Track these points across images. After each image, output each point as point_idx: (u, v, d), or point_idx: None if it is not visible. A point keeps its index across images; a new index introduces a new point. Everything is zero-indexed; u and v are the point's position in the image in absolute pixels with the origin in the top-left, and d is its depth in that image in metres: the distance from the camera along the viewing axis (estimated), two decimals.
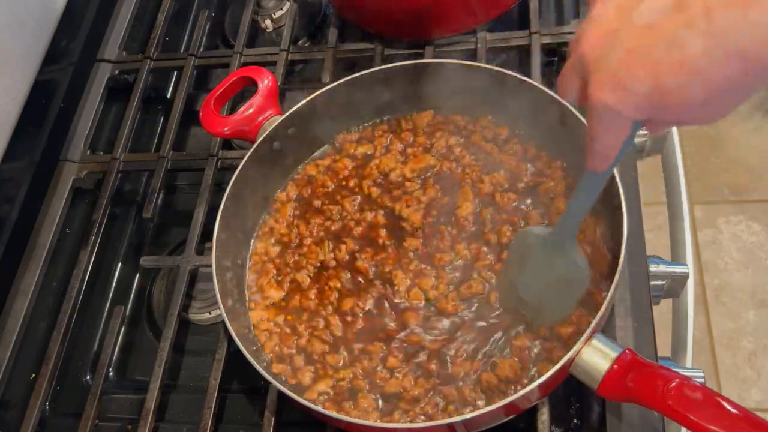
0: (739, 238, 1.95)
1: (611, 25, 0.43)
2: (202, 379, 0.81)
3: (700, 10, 0.39)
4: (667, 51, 0.40)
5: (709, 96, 0.41)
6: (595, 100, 0.44)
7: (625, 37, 0.42)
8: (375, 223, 0.80)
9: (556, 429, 0.70)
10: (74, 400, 0.83)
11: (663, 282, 0.79)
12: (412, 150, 0.84)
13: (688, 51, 0.39)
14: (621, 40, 0.42)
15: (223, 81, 0.86)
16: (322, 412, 0.64)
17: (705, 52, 0.39)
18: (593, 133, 0.47)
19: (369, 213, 0.81)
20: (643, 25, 0.41)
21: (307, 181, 0.86)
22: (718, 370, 1.77)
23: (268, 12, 1.09)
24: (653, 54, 0.41)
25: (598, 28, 0.44)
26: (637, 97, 0.42)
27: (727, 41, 0.38)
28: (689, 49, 0.39)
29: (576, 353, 0.62)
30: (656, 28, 0.41)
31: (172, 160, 0.95)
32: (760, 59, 0.39)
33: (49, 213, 0.94)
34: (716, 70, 0.39)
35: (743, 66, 0.39)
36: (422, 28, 0.94)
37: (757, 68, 0.39)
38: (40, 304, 0.90)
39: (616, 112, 0.44)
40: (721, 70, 0.39)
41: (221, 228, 0.76)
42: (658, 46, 0.41)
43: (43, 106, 0.98)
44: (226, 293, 0.73)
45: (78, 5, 1.05)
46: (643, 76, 0.42)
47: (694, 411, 0.55)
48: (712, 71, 0.39)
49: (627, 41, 0.42)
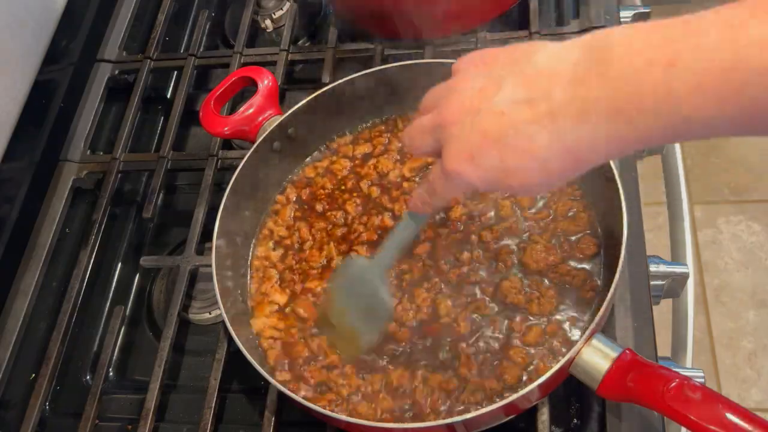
0: (739, 238, 1.95)
1: (473, 104, 0.50)
2: (202, 379, 0.81)
3: (546, 111, 0.45)
4: (514, 139, 0.47)
5: (544, 180, 0.49)
6: (450, 167, 0.51)
7: (483, 118, 0.48)
8: (383, 226, 0.79)
9: (556, 429, 0.70)
10: (74, 400, 0.83)
11: (663, 282, 0.79)
12: None
13: (532, 142, 0.46)
14: (479, 120, 0.49)
15: (223, 81, 0.86)
16: (322, 412, 0.64)
17: (547, 147, 0.46)
18: (436, 189, 0.55)
19: (375, 217, 0.80)
20: (500, 111, 0.48)
21: (306, 183, 0.86)
22: (718, 370, 1.77)
23: (268, 12, 1.09)
24: (503, 140, 0.48)
25: (460, 103, 0.51)
26: (486, 172, 0.50)
27: (564, 140, 0.45)
28: (534, 142, 0.46)
29: (576, 353, 0.62)
30: (509, 117, 0.47)
31: (172, 160, 0.95)
32: (588, 160, 0.47)
33: (49, 213, 0.94)
34: (554, 162, 0.47)
35: (575, 163, 0.47)
36: (422, 28, 0.94)
37: (584, 163, 0.48)
38: (40, 304, 0.90)
39: (465, 179, 0.51)
40: (558, 162, 0.47)
41: (221, 228, 0.76)
42: (508, 133, 0.47)
43: (43, 106, 0.98)
44: (226, 293, 0.73)
45: (78, 5, 1.05)
46: (493, 156, 0.48)
47: (694, 411, 0.55)
48: (550, 162, 0.47)
49: (484, 122, 0.48)
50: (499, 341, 0.70)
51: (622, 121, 0.43)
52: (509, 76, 0.48)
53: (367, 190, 0.83)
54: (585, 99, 0.44)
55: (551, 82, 0.46)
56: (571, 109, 0.45)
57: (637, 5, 1.00)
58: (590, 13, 0.93)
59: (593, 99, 0.43)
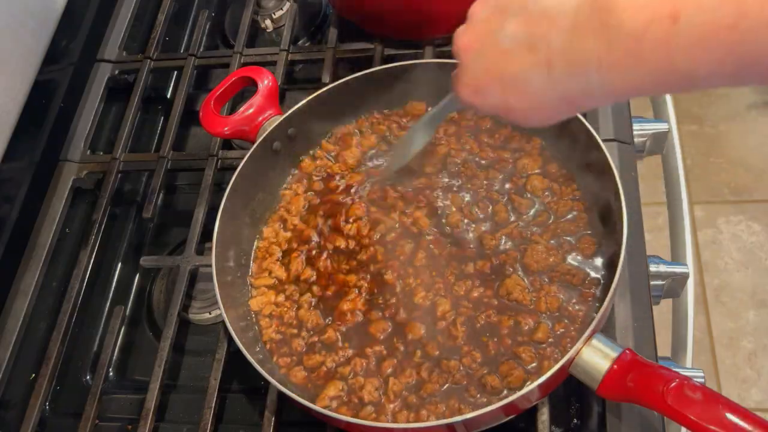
0: (739, 238, 1.95)
1: (479, 38, 0.53)
2: (202, 379, 0.81)
3: (545, 58, 0.48)
4: (514, 81, 0.50)
5: (543, 118, 0.53)
6: (460, 93, 0.56)
7: (486, 55, 0.52)
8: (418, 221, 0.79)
9: (556, 429, 0.70)
10: (74, 400, 0.83)
11: (663, 282, 0.79)
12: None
13: (530, 86, 0.50)
14: (483, 56, 0.53)
15: (223, 81, 0.86)
16: (322, 412, 0.64)
17: (542, 92, 0.49)
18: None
19: (406, 217, 0.79)
20: (501, 49, 0.50)
21: (307, 186, 0.86)
22: (718, 370, 1.77)
23: (268, 12, 1.09)
24: (504, 80, 0.51)
25: (470, 35, 0.55)
26: (489, 103, 0.54)
27: (559, 88, 0.49)
28: (531, 85, 0.50)
29: (576, 353, 0.62)
30: (511, 58, 0.50)
31: (172, 160, 0.95)
32: (582, 105, 0.52)
33: (49, 213, 0.94)
34: (548, 105, 0.51)
35: (569, 106, 0.51)
36: (422, 28, 0.94)
37: (579, 107, 0.52)
38: (40, 304, 0.90)
39: (473, 106, 0.56)
40: (552, 105, 0.51)
41: (221, 228, 0.76)
42: (509, 74, 0.50)
43: (43, 106, 0.98)
44: (226, 293, 0.73)
45: (78, 5, 1.05)
46: (495, 92, 0.52)
47: (694, 411, 0.55)
48: (545, 105, 0.51)
49: (487, 59, 0.52)
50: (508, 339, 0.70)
51: (616, 72, 0.44)
52: (514, 14, 0.50)
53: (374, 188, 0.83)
54: (581, 50, 0.45)
55: (551, 26, 0.47)
56: (566, 58, 0.46)
57: None
58: None
59: (589, 50, 0.44)
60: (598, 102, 0.52)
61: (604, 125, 0.84)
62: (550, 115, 0.52)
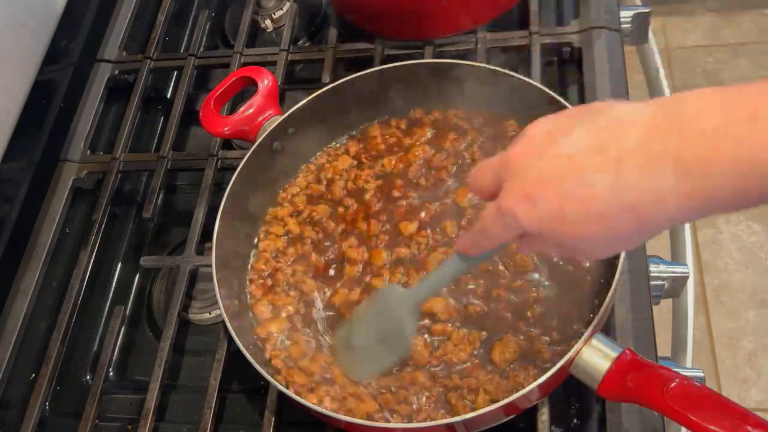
0: (739, 238, 1.95)
1: (539, 144, 0.48)
2: (202, 379, 0.80)
3: (615, 158, 0.43)
4: (576, 186, 0.45)
5: (598, 236, 0.45)
6: (506, 205, 0.49)
7: (546, 160, 0.46)
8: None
9: (556, 429, 0.70)
10: (74, 400, 0.83)
11: (663, 282, 0.79)
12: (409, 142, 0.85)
13: (593, 191, 0.44)
14: (542, 161, 0.47)
15: (223, 81, 0.86)
16: (322, 412, 0.64)
17: (607, 197, 0.43)
18: (487, 228, 0.52)
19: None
20: (565, 154, 0.45)
21: (306, 187, 0.86)
22: (718, 370, 1.76)
23: (268, 12, 1.09)
24: (564, 184, 0.45)
25: (527, 145, 0.49)
26: (540, 215, 0.47)
27: (626, 193, 0.43)
28: (595, 190, 0.44)
29: (576, 353, 0.62)
30: (574, 162, 0.45)
31: (172, 160, 0.95)
32: (646, 219, 0.43)
33: (49, 213, 0.94)
34: (610, 215, 0.44)
35: (634, 221, 0.44)
36: (422, 28, 0.94)
37: (644, 227, 0.44)
38: (40, 304, 0.90)
39: (515, 220, 0.48)
40: (615, 216, 0.44)
41: (221, 228, 0.76)
42: (570, 179, 0.45)
43: (43, 106, 0.98)
44: (226, 293, 0.73)
45: (78, 5, 1.05)
46: (550, 199, 0.46)
47: (694, 411, 0.55)
48: (607, 215, 0.44)
49: (547, 164, 0.46)
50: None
51: (693, 176, 0.40)
52: (581, 124, 0.46)
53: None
54: (658, 150, 0.42)
55: (625, 130, 0.44)
56: (639, 157, 0.42)
57: (637, 5, 1.00)
58: (590, 13, 0.93)
59: (665, 151, 0.41)
60: (670, 215, 0.43)
61: None
62: (610, 229, 0.45)
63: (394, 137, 0.86)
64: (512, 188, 0.48)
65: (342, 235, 0.80)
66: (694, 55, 2.26)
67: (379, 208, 0.81)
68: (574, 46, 0.93)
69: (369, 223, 0.80)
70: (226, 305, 0.72)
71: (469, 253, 0.57)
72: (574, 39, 0.93)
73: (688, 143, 0.40)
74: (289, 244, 0.81)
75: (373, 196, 0.82)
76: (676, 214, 0.43)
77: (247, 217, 0.82)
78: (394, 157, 0.84)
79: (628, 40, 0.98)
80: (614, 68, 0.89)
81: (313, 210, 0.83)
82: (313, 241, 0.81)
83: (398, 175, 0.83)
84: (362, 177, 0.84)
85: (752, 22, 2.28)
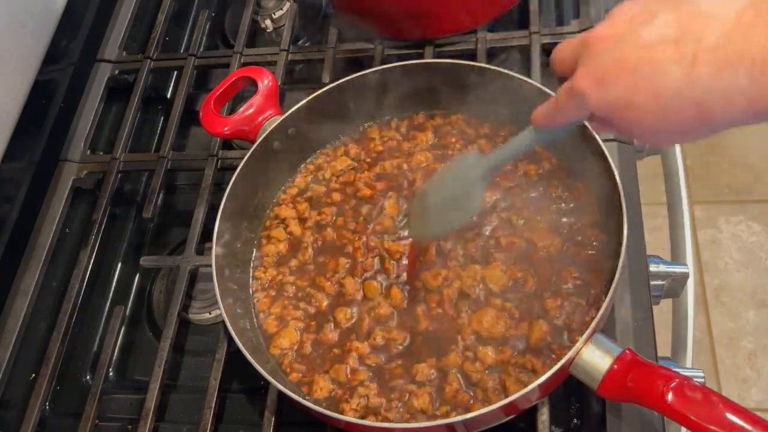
0: (739, 238, 1.95)
1: (619, 29, 0.48)
2: (202, 379, 0.81)
3: (691, 53, 0.43)
4: (648, 74, 0.45)
5: (662, 126, 0.47)
6: (578, 84, 0.50)
7: (624, 45, 0.47)
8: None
9: (556, 429, 0.70)
10: (74, 400, 0.83)
11: (663, 282, 0.79)
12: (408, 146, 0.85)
13: (665, 80, 0.45)
14: (619, 46, 0.47)
15: (223, 81, 0.86)
16: (322, 412, 0.64)
17: (676, 90, 0.44)
18: (560, 103, 0.54)
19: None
20: (643, 42, 0.46)
21: (305, 188, 0.86)
22: (718, 370, 1.77)
23: (268, 12, 1.09)
24: (637, 72, 0.46)
25: (608, 27, 0.50)
26: (609, 99, 0.48)
27: (697, 89, 0.44)
28: (667, 80, 0.45)
29: (576, 353, 0.62)
30: (650, 51, 0.45)
31: (172, 160, 0.95)
32: (711, 117, 0.44)
33: (49, 213, 0.94)
34: (676, 108, 0.45)
35: (698, 117, 0.45)
36: (422, 28, 0.94)
37: (708, 124, 0.45)
38: (40, 304, 0.90)
39: (586, 102, 0.50)
40: (681, 110, 0.45)
41: (221, 227, 0.76)
42: (644, 67, 0.46)
43: (43, 106, 0.98)
44: (226, 293, 0.73)
45: (78, 5, 1.05)
46: (621, 84, 0.47)
47: (694, 411, 0.55)
48: (673, 108, 0.45)
49: (623, 50, 0.47)
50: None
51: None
52: (664, 11, 0.46)
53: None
54: (736, 50, 0.41)
55: (708, 24, 0.43)
56: (717, 55, 0.42)
57: None
58: (590, 13, 0.93)
59: (744, 51, 0.41)
60: (734, 116, 0.43)
61: None
62: (672, 121, 0.46)
63: (394, 141, 0.86)
64: (587, 70, 0.50)
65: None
66: None
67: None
68: None
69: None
70: (227, 305, 0.72)
71: (542, 125, 0.58)
72: None
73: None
74: (291, 249, 0.81)
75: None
76: (742, 116, 0.43)
77: (248, 217, 0.82)
78: (395, 160, 0.84)
79: None
80: None
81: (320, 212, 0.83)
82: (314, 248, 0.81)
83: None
84: (361, 179, 0.84)
85: None
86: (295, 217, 0.83)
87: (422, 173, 0.82)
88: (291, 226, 0.82)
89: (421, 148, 0.84)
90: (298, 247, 0.81)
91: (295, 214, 0.83)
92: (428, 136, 0.85)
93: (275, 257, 0.81)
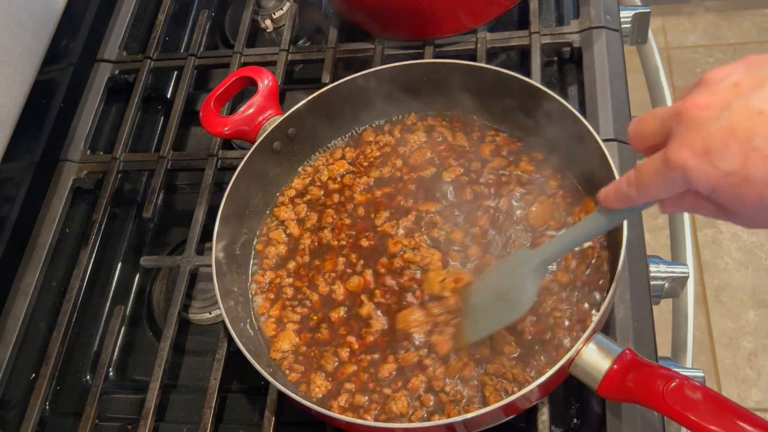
0: (739, 238, 1.95)
1: (723, 96, 0.43)
2: (202, 379, 0.81)
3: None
4: (763, 145, 0.40)
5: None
6: (676, 157, 0.44)
7: (734, 113, 0.42)
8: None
9: (556, 429, 0.70)
10: (74, 400, 0.83)
11: (663, 282, 0.79)
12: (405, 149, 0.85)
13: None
14: (728, 114, 0.42)
15: (223, 81, 0.86)
16: (322, 412, 0.64)
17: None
18: (644, 180, 0.47)
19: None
20: (757, 109, 0.41)
21: (303, 189, 0.85)
22: (718, 370, 1.77)
23: (268, 12, 1.09)
24: (754, 141, 0.41)
25: (711, 94, 0.44)
26: (717, 172, 0.42)
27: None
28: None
29: (576, 353, 0.62)
30: (766, 119, 0.40)
31: (172, 160, 0.95)
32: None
33: (49, 213, 0.94)
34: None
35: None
36: (422, 28, 0.94)
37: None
38: (40, 304, 0.90)
39: (685, 176, 0.44)
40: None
41: (221, 227, 0.76)
42: (761, 136, 0.40)
43: (43, 106, 0.98)
44: (226, 293, 0.73)
45: (78, 5, 1.05)
46: (733, 155, 0.41)
47: (694, 411, 0.55)
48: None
49: (734, 118, 0.42)
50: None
51: None
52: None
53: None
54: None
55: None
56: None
57: (637, 5, 1.00)
58: (590, 13, 0.93)
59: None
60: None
61: (604, 125, 0.84)
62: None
63: (388, 146, 0.86)
64: (687, 141, 0.43)
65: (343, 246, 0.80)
66: (694, 55, 2.26)
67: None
68: (574, 46, 0.93)
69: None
70: (227, 307, 0.72)
71: (613, 207, 0.52)
72: (574, 39, 0.93)
73: None
74: (290, 250, 0.81)
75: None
76: None
77: (248, 217, 0.82)
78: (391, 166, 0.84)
79: (628, 40, 0.98)
80: (614, 68, 0.89)
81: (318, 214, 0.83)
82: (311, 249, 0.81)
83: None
84: (359, 184, 0.84)
85: (752, 22, 2.28)
86: (294, 219, 0.83)
87: (418, 176, 0.82)
88: (290, 227, 0.82)
89: (414, 149, 0.84)
90: (296, 249, 0.81)
91: (294, 216, 0.83)
92: (419, 137, 0.85)
93: (275, 259, 0.81)
